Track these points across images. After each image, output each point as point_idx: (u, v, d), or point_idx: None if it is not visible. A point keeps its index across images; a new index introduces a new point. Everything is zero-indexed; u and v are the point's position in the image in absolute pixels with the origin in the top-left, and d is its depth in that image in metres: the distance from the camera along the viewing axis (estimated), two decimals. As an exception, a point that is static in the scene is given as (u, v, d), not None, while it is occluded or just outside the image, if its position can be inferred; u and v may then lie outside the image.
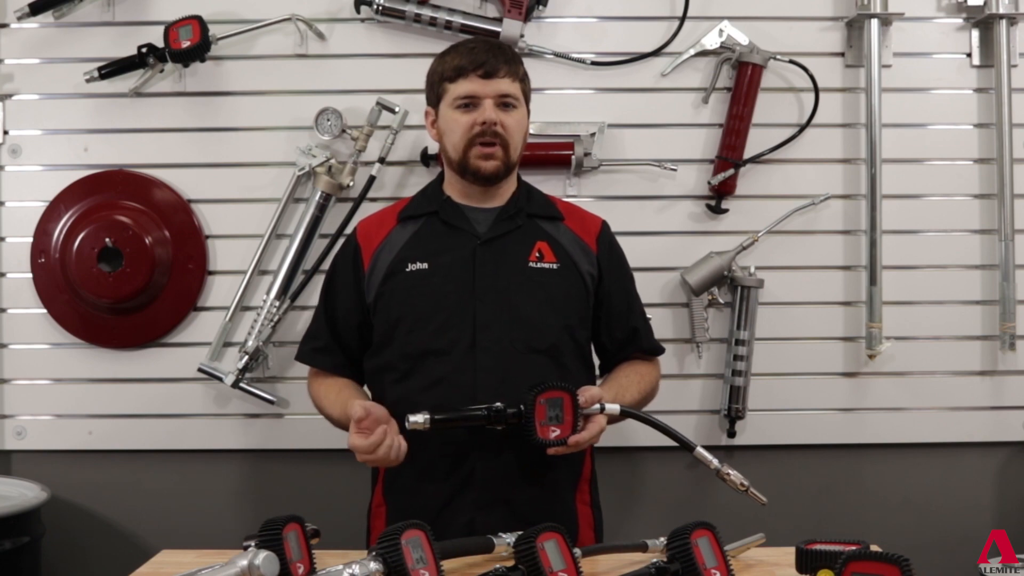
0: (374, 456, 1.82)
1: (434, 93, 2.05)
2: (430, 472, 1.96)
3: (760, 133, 2.68)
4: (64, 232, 2.64)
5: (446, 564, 1.53)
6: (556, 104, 2.69)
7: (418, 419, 1.76)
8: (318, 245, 2.65)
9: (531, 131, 2.63)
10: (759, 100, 2.66)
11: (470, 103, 1.98)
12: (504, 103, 1.98)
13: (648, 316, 2.24)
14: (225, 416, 2.72)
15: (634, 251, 2.24)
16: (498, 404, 1.80)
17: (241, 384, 2.62)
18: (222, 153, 2.70)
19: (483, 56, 1.98)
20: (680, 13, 2.67)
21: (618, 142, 2.70)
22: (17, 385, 2.73)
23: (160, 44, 2.59)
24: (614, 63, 2.69)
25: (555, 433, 1.80)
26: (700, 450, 1.87)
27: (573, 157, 2.64)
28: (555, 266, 2.02)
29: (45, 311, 2.70)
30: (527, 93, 2.06)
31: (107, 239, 2.61)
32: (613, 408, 1.86)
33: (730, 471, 1.85)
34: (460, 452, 1.93)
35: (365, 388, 2.12)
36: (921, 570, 1.34)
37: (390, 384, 2.00)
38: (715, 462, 1.85)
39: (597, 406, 1.84)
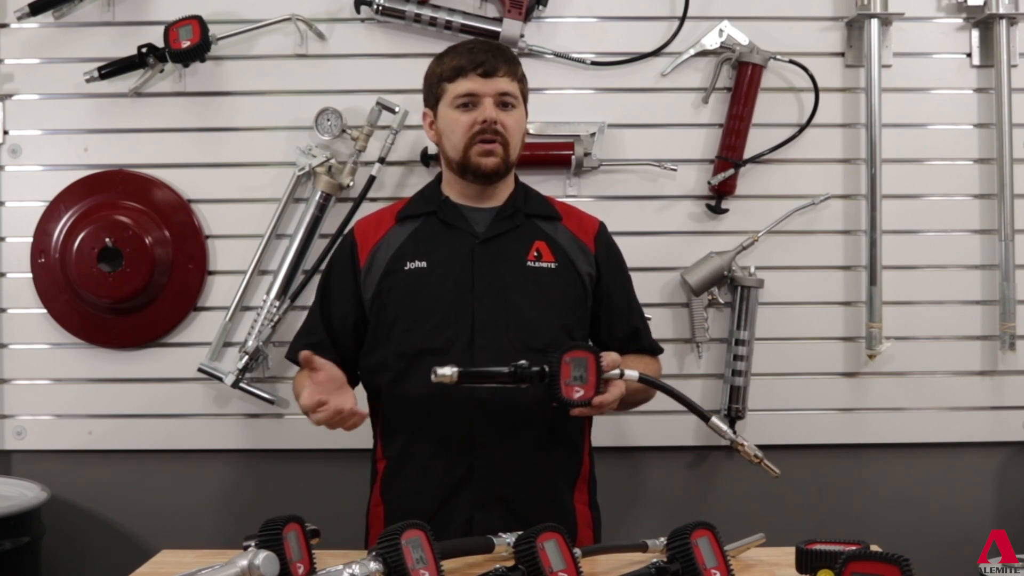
0: (319, 416, 1.79)
1: (432, 94, 2.05)
2: (427, 471, 1.96)
3: (760, 133, 2.68)
4: (64, 232, 2.64)
5: (446, 564, 1.53)
6: (556, 104, 2.69)
7: (446, 372, 1.69)
8: (318, 245, 2.66)
9: (531, 131, 2.64)
10: (759, 100, 2.66)
11: (470, 102, 1.98)
12: (503, 102, 1.98)
13: (648, 317, 2.24)
14: (225, 416, 2.72)
15: (634, 251, 2.24)
16: (523, 362, 1.75)
17: (241, 384, 2.63)
18: (222, 153, 2.70)
19: (482, 56, 1.98)
20: (680, 13, 2.67)
21: (618, 142, 2.70)
22: (17, 385, 2.73)
23: (160, 44, 2.59)
24: (614, 63, 2.69)
25: (579, 393, 1.76)
26: (715, 420, 1.85)
27: (573, 157, 2.64)
28: (553, 266, 2.02)
29: (45, 311, 2.70)
30: (525, 94, 2.06)
31: (107, 239, 2.61)
32: (632, 374, 1.82)
33: (744, 441, 1.84)
34: (457, 450, 1.93)
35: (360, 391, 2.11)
36: (921, 570, 1.34)
37: (386, 383, 2.00)
38: (730, 432, 1.84)
39: (617, 371, 1.81)
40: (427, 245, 2.02)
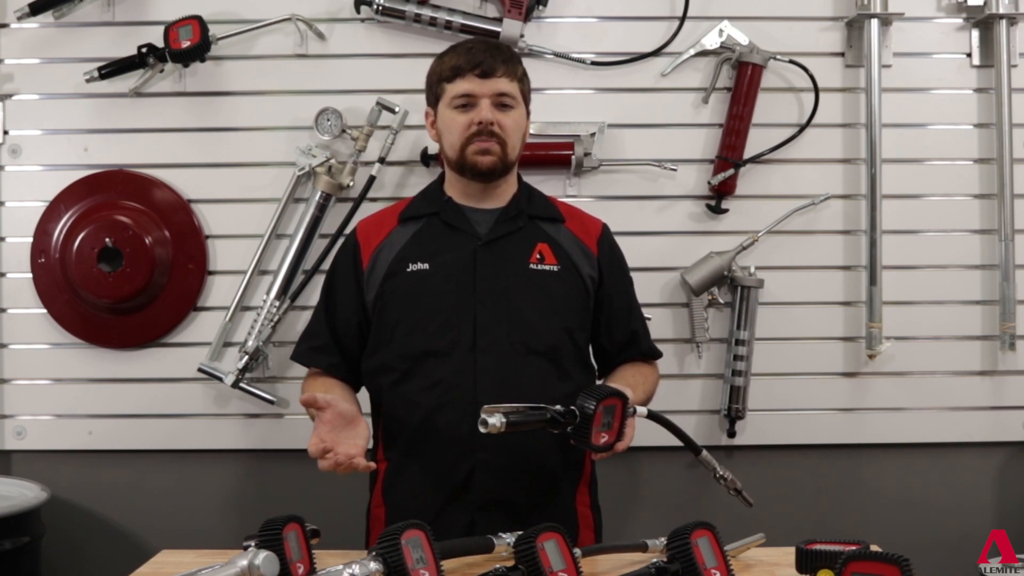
0: (324, 464, 1.78)
1: (432, 94, 2.05)
2: (429, 473, 1.95)
3: (760, 133, 2.68)
4: (64, 232, 2.64)
5: (446, 564, 1.53)
6: (556, 104, 2.69)
7: (495, 422, 1.66)
8: (318, 245, 2.66)
9: (531, 131, 2.63)
10: (759, 100, 2.66)
11: (467, 103, 1.98)
12: (501, 103, 1.98)
13: (648, 318, 2.23)
14: (225, 416, 2.72)
15: (634, 251, 2.24)
16: (559, 407, 1.74)
17: (241, 384, 2.62)
18: (222, 153, 2.70)
19: (480, 56, 1.97)
20: (680, 13, 2.67)
21: (618, 142, 2.70)
22: (17, 385, 2.73)
23: (160, 44, 2.59)
24: (614, 63, 2.69)
25: (604, 439, 1.77)
26: (706, 454, 1.97)
27: (573, 157, 2.64)
28: (555, 268, 2.02)
29: (45, 311, 2.70)
30: (526, 93, 2.05)
31: (107, 239, 2.61)
32: (642, 411, 1.86)
33: (726, 474, 1.98)
34: (459, 453, 1.93)
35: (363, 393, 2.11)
36: (921, 570, 1.34)
37: (388, 385, 2.00)
38: (718, 467, 1.97)
39: (631, 408, 1.82)
40: (430, 247, 2.02)
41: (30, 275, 2.70)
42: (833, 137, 2.72)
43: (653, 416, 1.90)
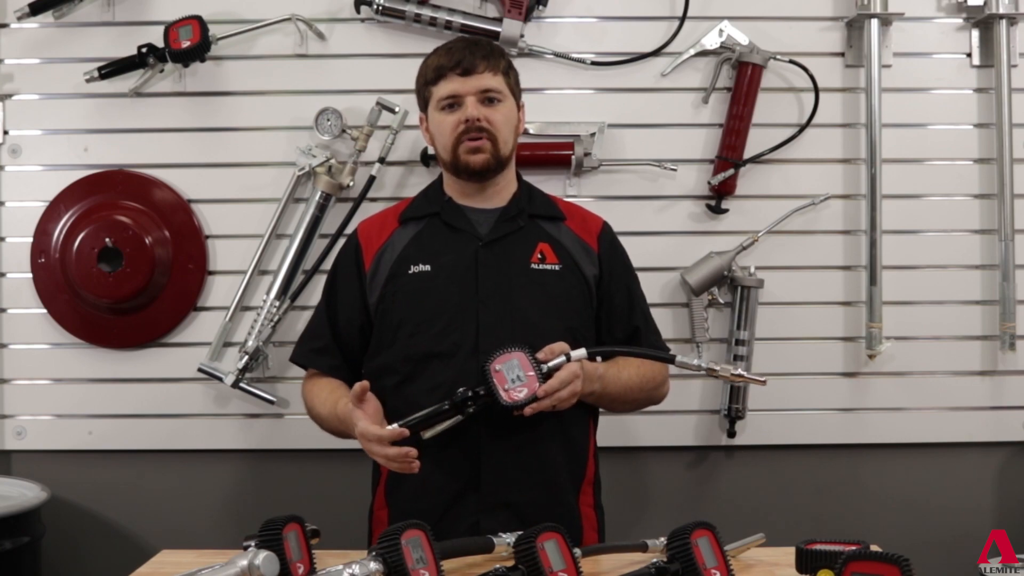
0: (402, 452, 1.79)
1: (422, 98, 2.06)
2: (434, 475, 1.95)
3: (760, 133, 2.68)
4: (64, 232, 2.64)
5: (446, 564, 1.53)
6: (556, 104, 2.69)
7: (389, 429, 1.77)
8: (318, 245, 2.66)
9: (531, 131, 2.64)
10: (759, 100, 2.66)
11: (453, 103, 1.98)
12: (487, 98, 1.98)
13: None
14: (225, 416, 2.72)
15: (634, 251, 2.23)
16: (460, 389, 1.79)
17: (241, 384, 2.63)
18: (222, 153, 2.70)
19: (460, 54, 1.97)
20: (680, 13, 2.67)
21: (618, 142, 2.70)
22: (17, 385, 2.73)
23: (160, 44, 2.59)
24: (614, 63, 2.69)
25: (522, 393, 1.77)
26: (680, 358, 1.85)
27: (573, 157, 2.64)
28: (557, 267, 2.01)
29: (45, 311, 2.70)
30: (513, 86, 2.04)
31: (107, 239, 2.61)
32: (579, 353, 1.82)
33: (717, 365, 1.83)
34: (463, 454, 1.93)
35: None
36: (921, 570, 1.34)
37: (391, 387, 1.99)
38: (700, 362, 1.84)
39: (562, 358, 1.81)
40: (431, 248, 2.02)
41: (30, 275, 2.70)
42: (833, 137, 2.72)
43: (598, 352, 1.88)
